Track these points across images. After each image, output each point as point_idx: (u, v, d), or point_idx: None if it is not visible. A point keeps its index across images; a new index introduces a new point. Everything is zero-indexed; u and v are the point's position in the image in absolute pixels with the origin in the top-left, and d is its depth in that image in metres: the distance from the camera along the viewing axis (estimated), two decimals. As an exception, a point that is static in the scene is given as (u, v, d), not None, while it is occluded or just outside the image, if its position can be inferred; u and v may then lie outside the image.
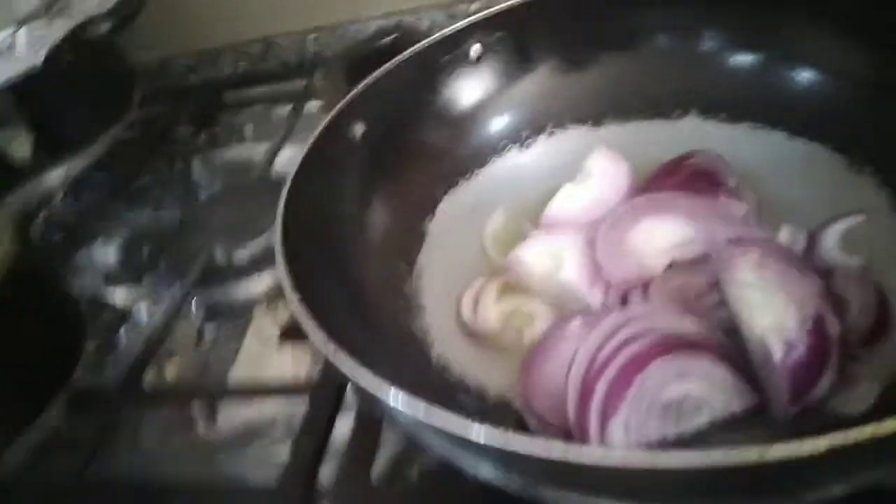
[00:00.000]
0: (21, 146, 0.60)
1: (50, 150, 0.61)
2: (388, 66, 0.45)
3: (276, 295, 0.53)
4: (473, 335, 0.38)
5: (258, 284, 0.53)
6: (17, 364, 0.41)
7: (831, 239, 0.36)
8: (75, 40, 0.56)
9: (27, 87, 0.56)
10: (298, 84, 0.74)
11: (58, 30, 0.56)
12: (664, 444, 0.29)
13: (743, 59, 0.44)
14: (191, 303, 0.54)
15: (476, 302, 0.40)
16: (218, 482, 0.42)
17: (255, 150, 0.70)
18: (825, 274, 0.34)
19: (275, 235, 0.35)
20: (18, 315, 0.41)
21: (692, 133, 0.45)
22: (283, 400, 0.45)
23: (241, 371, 0.49)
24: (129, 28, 0.64)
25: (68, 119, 0.63)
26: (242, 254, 0.55)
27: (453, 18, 0.74)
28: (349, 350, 0.28)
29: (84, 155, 0.63)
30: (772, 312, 0.30)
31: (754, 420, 0.30)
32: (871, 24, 0.39)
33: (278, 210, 0.37)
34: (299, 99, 0.70)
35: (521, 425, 0.33)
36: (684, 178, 0.40)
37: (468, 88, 0.48)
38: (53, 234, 0.61)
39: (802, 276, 0.31)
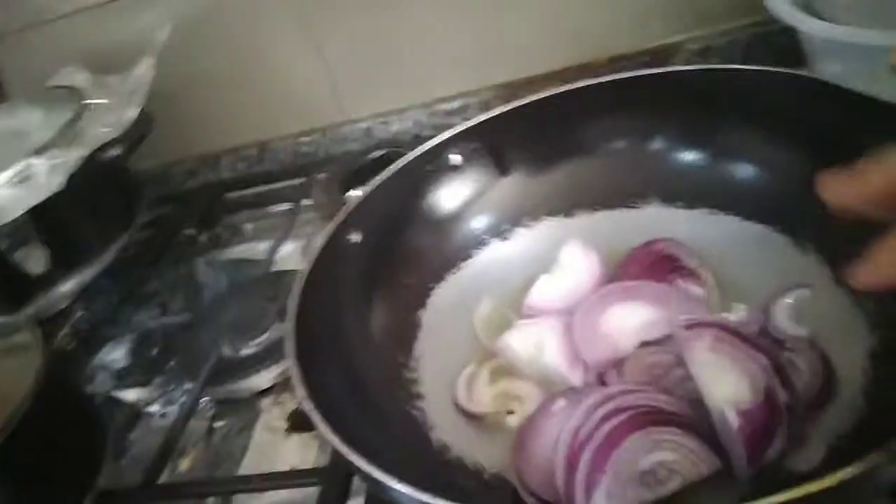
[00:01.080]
0: (36, 261, 0.64)
1: (63, 262, 0.66)
2: (379, 178, 0.51)
3: (282, 387, 0.57)
4: (469, 417, 0.42)
5: (265, 378, 0.56)
6: (48, 472, 0.44)
7: (781, 311, 0.41)
8: (90, 164, 0.61)
9: (42, 207, 0.61)
10: (294, 184, 0.80)
11: (75, 156, 0.61)
12: (643, 510, 0.32)
13: (690, 155, 0.50)
14: (200, 400, 0.57)
15: (470, 386, 0.44)
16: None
17: (255, 249, 0.74)
18: (777, 343, 0.39)
19: (287, 343, 0.39)
20: (48, 424, 0.44)
21: (655, 219, 0.50)
22: (294, 489, 0.47)
23: (252, 462, 0.52)
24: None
25: (80, 232, 0.68)
26: (249, 349, 0.59)
27: (433, 115, 0.81)
28: (354, 440, 0.32)
29: (95, 264, 0.68)
30: (728, 387, 0.34)
31: (719, 480, 0.33)
32: (797, 124, 0.44)
33: (288, 315, 0.41)
34: (296, 198, 0.76)
35: (517, 501, 0.36)
36: (649, 263, 0.45)
37: (451, 193, 0.53)
38: (69, 342, 0.64)
39: (753, 352, 0.35)
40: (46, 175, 0.60)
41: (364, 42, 0.77)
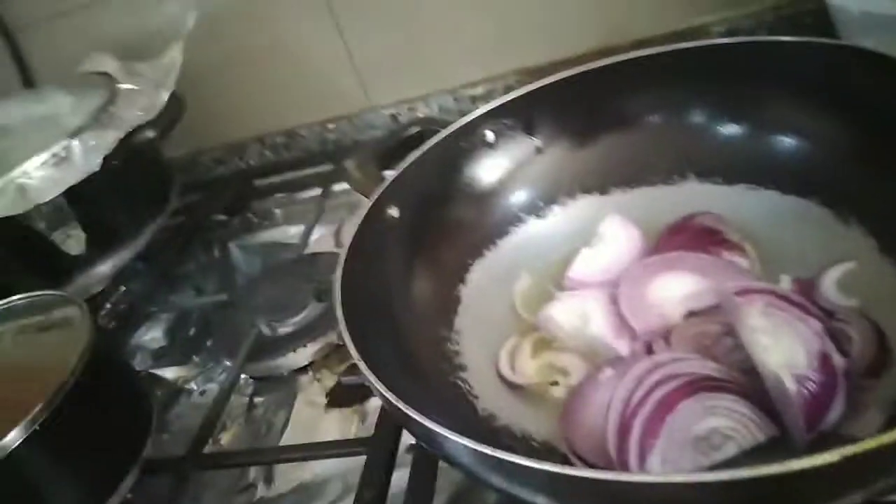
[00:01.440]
0: (75, 242, 0.65)
1: (100, 244, 0.66)
2: (414, 154, 0.51)
3: (320, 364, 0.57)
4: (513, 388, 0.42)
5: (302, 356, 0.57)
6: (99, 444, 0.44)
7: (829, 284, 0.41)
8: (125, 146, 0.62)
9: (79, 190, 0.62)
10: (322, 169, 0.80)
11: (110, 138, 0.62)
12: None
13: (729, 129, 0.50)
14: (240, 377, 0.57)
15: (512, 358, 0.44)
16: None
17: (287, 233, 0.75)
18: (827, 315, 0.39)
19: (335, 309, 0.39)
20: (96, 396, 0.44)
21: (692, 196, 0.50)
22: (334, 460, 0.48)
23: (293, 437, 0.53)
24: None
25: (116, 215, 0.69)
26: (286, 328, 0.59)
27: (458, 101, 0.81)
28: (406, 399, 0.32)
29: (130, 246, 0.68)
30: (782, 352, 0.34)
31: (777, 448, 0.33)
32: (836, 95, 0.44)
33: (334, 285, 0.41)
34: (325, 183, 0.76)
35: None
36: (690, 236, 0.45)
37: (487, 169, 0.53)
38: (109, 321, 0.65)
39: (805, 318, 0.35)
40: (83, 156, 0.60)
41: (388, 28, 0.77)
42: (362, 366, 0.35)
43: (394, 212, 0.49)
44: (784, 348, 0.34)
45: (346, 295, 0.40)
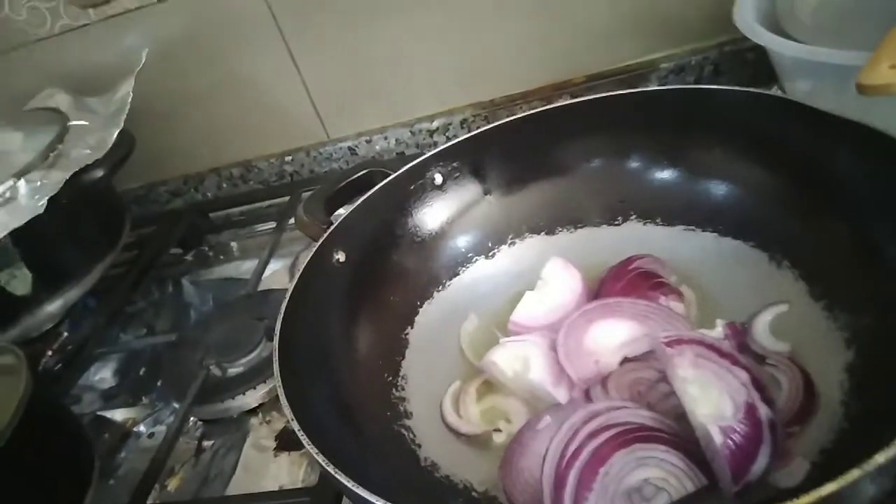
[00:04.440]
0: (21, 283, 0.63)
1: (48, 283, 0.65)
2: (361, 197, 0.51)
3: (270, 406, 0.57)
4: (457, 435, 0.42)
5: (252, 397, 0.56)
6: (37, 493, 0.43)
7: (761, 328, 0.42)
8: (73, 185, 0.61)
9: (27, 229, 0.60)
10: (279, 202, 0.80)
11: (56, 179, 0.61)
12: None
13: (665, 174, 0.51)
14: (188, 420, 0.57)
15: (457, 403, 0.44)
16: None
17: (241, 268, 0.75)
18: (758, 358, 0.40)
19: (274, 364, 0.39)
20: (35, 445, 0.44)
21: (633, 236, 0.52)
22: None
23: (241, 481, 0.52)
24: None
25: (64, 253, 0.68)
26: (236, 369, 0.59)
27: (415, 135, 0.81)
28: (342, 459, 0.33)
29: (80, 285, 0.67)
30: (710, 403, 0.35)
31: (708, 498, 0.34)
32: (768, 143, 0.46)
33: (275, 337, 0.41)
34: (280, 217, 0.76)
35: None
36: (629, 280, 0.45)
37: (435, 211, 0.54)
38: (55, 362, 0.64)
39: (733, 368, 0.36)
40: (28, 198, 0.60)
41: (345, 63, 0.78)
42: (298, 429, 0.35)
43: (340, 256, 0.49)
44: (712, 399, 0.35)
45: (285, 346, 0.40)
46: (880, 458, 0.25)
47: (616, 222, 0.53)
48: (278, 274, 0.72)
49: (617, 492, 0.34)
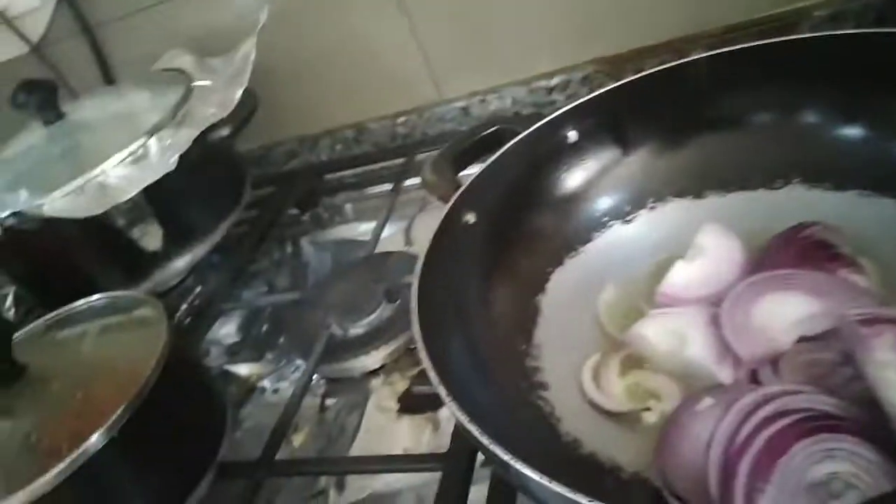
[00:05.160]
0: (153, 238, 0.65)
1: (176, 239, 0.67)
2: (492, 157, 0.48)
3: (392, 368, 0.56)
4: (600, 412, 0.40)
5: (374, 358, 0.56)
6: (174, 444, 0.44)
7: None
8: (199, 144, 0.62)
9: (156, 186, 0.62)
10: (393, 164, 0.79)
11: (185, 137, 0.62)
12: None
13: (845, 130, 0.45)
14: (313, 378, 0.57)
15: (598, 377, 0.41)
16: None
17: (357, 230, 0.74)
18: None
19: (413, 323, 0.38)
20: (173, 397, 0.45)
21: (796, 203, 0.46)
22: (408, 472, 0.47)
23: (364, 441, 0.52)
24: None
25: (192, 210, 0.69)
26: (357, 329, 0.58)
27: (533, 93, 0.77)
28: (482, 423, 0.31)
29: (206, 241, 0.69)
30: (913, 389, 0.30)
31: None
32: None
33: (412, 297, 0.39)
34: (396, 178, 0.75)
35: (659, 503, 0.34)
36: (800, 249, 0.40)
37: (570, 172, 0.51)
38: (185, 317, 0.66)
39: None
40: (159, 155, 0.61)
41: (458, 18, 0.75)
42: (441, 389, 0.33)
43: (470, 217, 0.47)
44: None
45: (423, 306, 0.39)
46: None
47: (776, 186, 0.47)
48: (394, 237, 0.71)
49: (799, 486, 0.30)
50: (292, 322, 0.64)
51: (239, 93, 0.65)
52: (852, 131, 0.45)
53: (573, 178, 0.51)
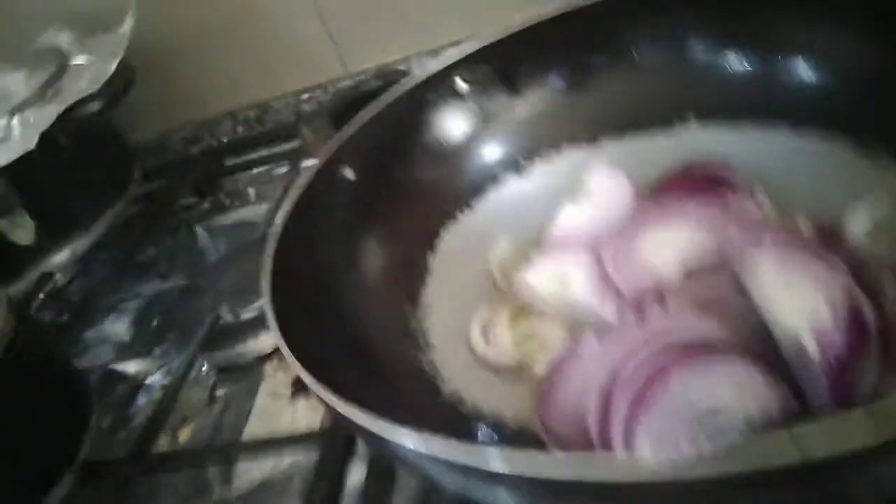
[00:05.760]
0: (24, 231, 0.60)
1: (54, 232, 0.62)
2: (372, 107, 0.45)
3: (285, 350, 0.52)
4: (488, 365, 0.36)
5: (266, 342, 0.52)
6: (22, 442, 0.39)
7: (855, 228, 0.34)
8: (69, 122, 0.57)
9: (28, 174, 0.57)
10: (295, 144, 0.74)
11: (48, 112, 0.56)
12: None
13: (736, 59, 0.43)
14: (201, 366, 0.52)
15: (487, 331, 0.38)
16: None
17: (258, 212, 0.70)
18: (854, 264, 0.32)
19: (263, 288, 0.34)
20: (20, 393, 0.39)
21: (692, 141, 0.44)
22: (298, 453, 0.43)
23: (256, 429, 0.48)
24: (125, 108, 0.65)
25: (70, 201, 0.64)
26: (249, 313, 0.54)
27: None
28: (350, 396, 0.27)
29: (88, 234, 0.63)
30: (802, 310, 0.27)
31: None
32: (867, 14, 0.37)
33: (265, 262, 0.36)
34: (296, 157, 0.71)
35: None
36: (691, 185, 0.38)
37: (458, 122, 0.47)
38: (62, 313, 0.60)
39: (829, 266, 0.29)
40: (21, 134, 0.55)
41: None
42: (290, 357, 0.29)
43: (348, 173, 0.43)
44: (804, 305, 0.27)
45: (281, 273, 0.35)
46: None
47: (672, 126, 0.45)
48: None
49: (682, 417, 0.27)
50: (182, 312, 0.59)
51: (112, 65, 0.60)
52: (743, 60, 0.43)
53: (462, 129, 0.47)
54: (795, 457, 0.17)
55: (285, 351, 0.30)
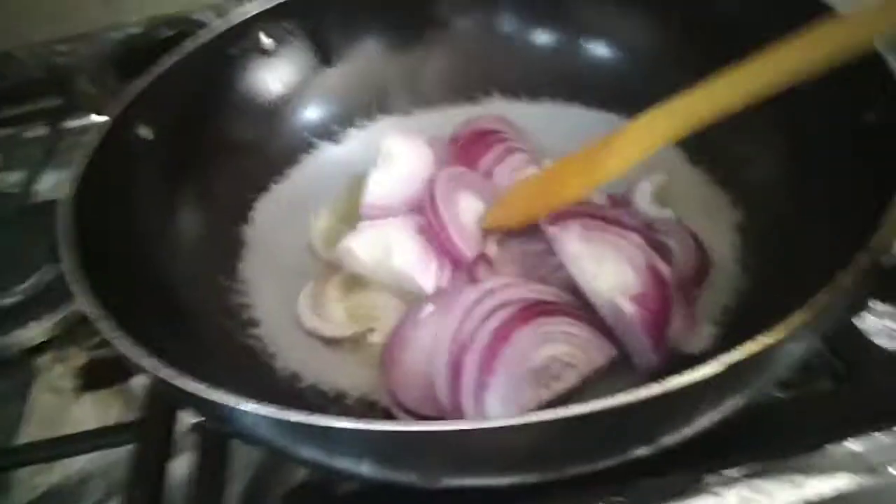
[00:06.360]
0: None
1: None
2: (169, 59, 0.40)
3: (64, 341, 0.45)
4: (320, 340, 0.35)
5: (38, 330, 0.44)
6: None
7: (642, 197, 0.39)
8: None
9: None
10: (52, 101, 0.64)
11: None
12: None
13: (540, 37, 0.46)
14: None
15: (316, 305, 0.37)
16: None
17: (7, 180, 0.59)
18: (644, 228, 0.37)
19: (64, 265, 0.29)
20: None
21: (496, 112, 0.46)
22: (92, 455, 0.37)
23: (34, 432, 0.41)
24: None
25: None
26: (13, 297, 0.46)
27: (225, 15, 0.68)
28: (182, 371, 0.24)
29: None
30: (609, 275, 0.31)
31: (619, 371, 0.31)
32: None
33: (59, 235, 0.30)
34: (56, 117, 0.61)
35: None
36: (468, 138, 0.42)
37: (265, 82, 0.44)
38: None
39: (625, 233, 0.33)
40: None
41: None
42: (108, 330, 0.25)
43: (145, 132, 0.38)
44: (610, 271, 0.31)
45: (82, 241, 0.30)
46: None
47: (477, 99, 0.47)
48: (58, 186, 0.57)
49: (523, 374, 0.29)
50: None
51: None
52: (544, 39, 0.46)
53: (270, 89, 0.45)
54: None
55: (103, 327, 0.26)
